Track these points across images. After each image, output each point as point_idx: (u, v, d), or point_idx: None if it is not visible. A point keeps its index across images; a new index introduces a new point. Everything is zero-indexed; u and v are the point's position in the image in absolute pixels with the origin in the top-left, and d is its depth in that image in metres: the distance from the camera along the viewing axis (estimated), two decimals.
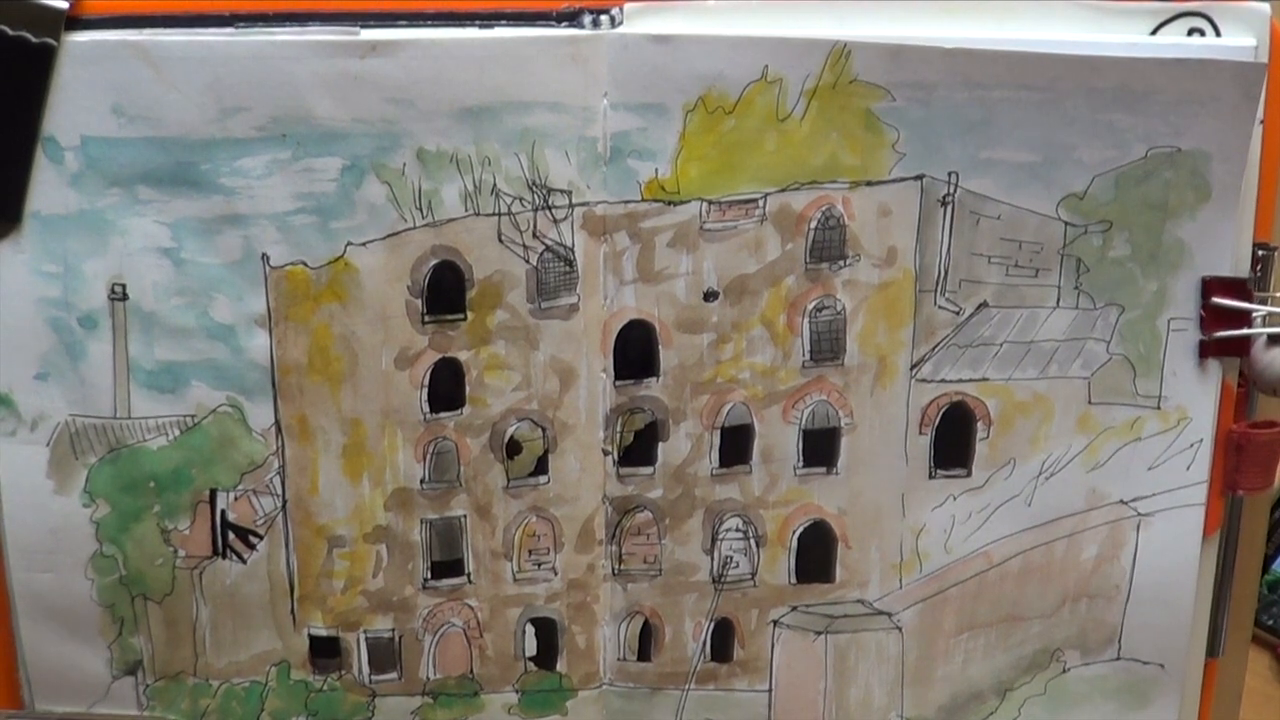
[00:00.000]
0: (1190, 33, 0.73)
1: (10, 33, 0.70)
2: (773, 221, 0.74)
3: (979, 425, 0.78)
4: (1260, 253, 0.77)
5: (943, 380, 0.78)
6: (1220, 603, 0.82)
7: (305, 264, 0.74)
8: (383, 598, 0.79)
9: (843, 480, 0.78)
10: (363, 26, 0.71)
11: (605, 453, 0.77)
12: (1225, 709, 0.86)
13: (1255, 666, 1.10)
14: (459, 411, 0.76)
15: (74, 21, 0.71)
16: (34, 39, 0.70)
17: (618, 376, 0.76)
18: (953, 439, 0.78)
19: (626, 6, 0.72)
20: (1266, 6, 0.72)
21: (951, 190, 0.74)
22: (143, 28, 0.71)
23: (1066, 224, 0.75)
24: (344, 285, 0.74)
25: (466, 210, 0.73)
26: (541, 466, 0.77)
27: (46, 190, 0.73)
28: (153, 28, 0.71)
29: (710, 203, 0.74)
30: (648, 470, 0.78)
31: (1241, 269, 0.76)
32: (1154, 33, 0.73)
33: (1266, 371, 0.76)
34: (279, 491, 0.77)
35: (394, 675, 0.80)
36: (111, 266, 0.74)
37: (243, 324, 0.75)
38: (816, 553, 0.79)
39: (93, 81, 0.71)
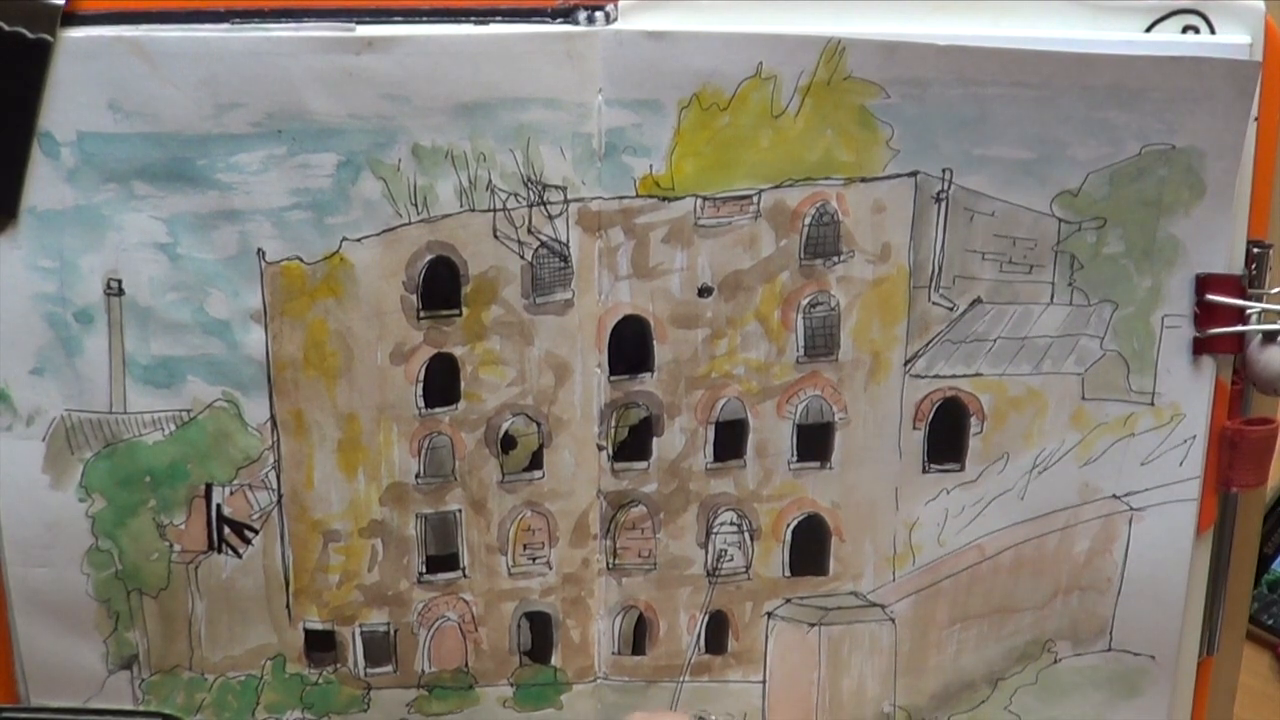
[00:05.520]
0: (1184, 30, 0.73)
1: (6, 28, 0.70)
2: (767, 218, 0.74)
3: (973, 420, 0.78)
4: (1255, 250, 0.77)
5: (936, 376, 0.78)
6: (1215, 600, 0.82)
7: (301, 259, 0.74)
8: (378, 592, 0.79)
9: (837, 475, 0.79)
10: (358, 23, 0.71)
11: (600, 448, 0.77)
12: (1220, 706, 0.86)
13: (1254, 666, 1.10)
14: (454, 407, 0.77)
15: (70, 17, 0.71)
16: (30, 34, 0.70)
17: (612, 372, 0.76)
18: (946, 434, 0.79)
19: (621, 3, 0.72)
20: (1261, 4, 0.73)
21: (946, 187, 0.74)
22: (138, 23, 0.71)
23: (1061, 221, 0.75)
24: (339, 281, 0.74)
25: (461, 206, 0.73)
26: (536, 461, 0.78)
27: (43, 186, 0.73)
28: (148, 23, 0.71)
29: (705, 199, 0.74)
30: (642, 465, 0.78)
31: (1236, 266, 0.76)
32: (1148, 30, 0.73)
33: (1264, 370, 0.77)
34: (274, 486, 0.77)
35: (389, 668, 0.80)
36: (107, 262, 0.74)
37: (238, 319, 0.75)
38: (810, 546, 0.80)
39: (89, 77, 0.71)
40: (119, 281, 0.74)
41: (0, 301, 0.74)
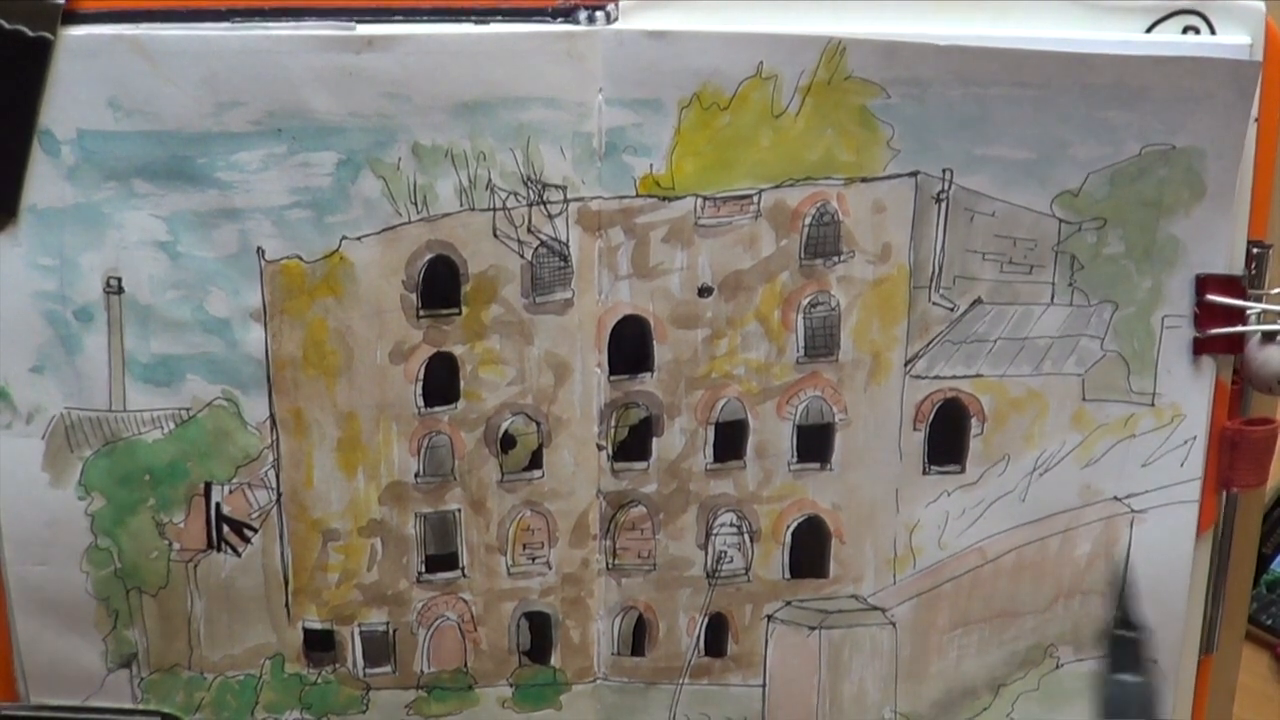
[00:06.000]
0: (1185, 30, 0.73)
1: (7, 26, 0.70)
2: (767, 217, 0.74)
3: (973, 421, 0.78)
4: (1254, 250, 0.77)
5: (937, 376, 0.78)
6: (1215, 599, 0.82)
7: (300, 258, 0.74)
8: (377, 591, 0.79)
9: (837, 476, 0.78)
10: (359, 21, 0.71)
11: (600, 447, 0.77)
12: (1219, 706, 0.86)
13: (1254, 666, 1.09)
14: (453, 406, 0.77)
15: (70, 15, 0.71)
16: (31, 32, 0.71)
17: (612, 371, 0.76)
18: (947, 435, 0.78)
19: (622, 3, 0.72)
20: (1261, 5, 0.72)
21: (946, 187, 0.74)
22: (139, 22, 0.71)
23: (1061, 221, 0.75)
24: (339, 279, 0.74)
25: (461, 205, 0.73)
26: (536, 461, 0.78)
27: (43, 184, 0.73)
28: (149, 22, 0.71)
29: (705, 198, 0.74)
30: (642, 465, 0.78)
31: (1236, 266, 0.76)
32: (1149, 30, 0.73)
33: (1261, 370, 0.76)
34: (274, 485, 0.77)
35: (388, 669, 0.80)
36: (107, 260, 0.74)
37: (238, 318, 0.75)
38: (811, 548, 0.79)
39: (89, 75, 0.71)
40: (119, 279, 0.74)
41: (0, 299, 0.74)
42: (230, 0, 0.72)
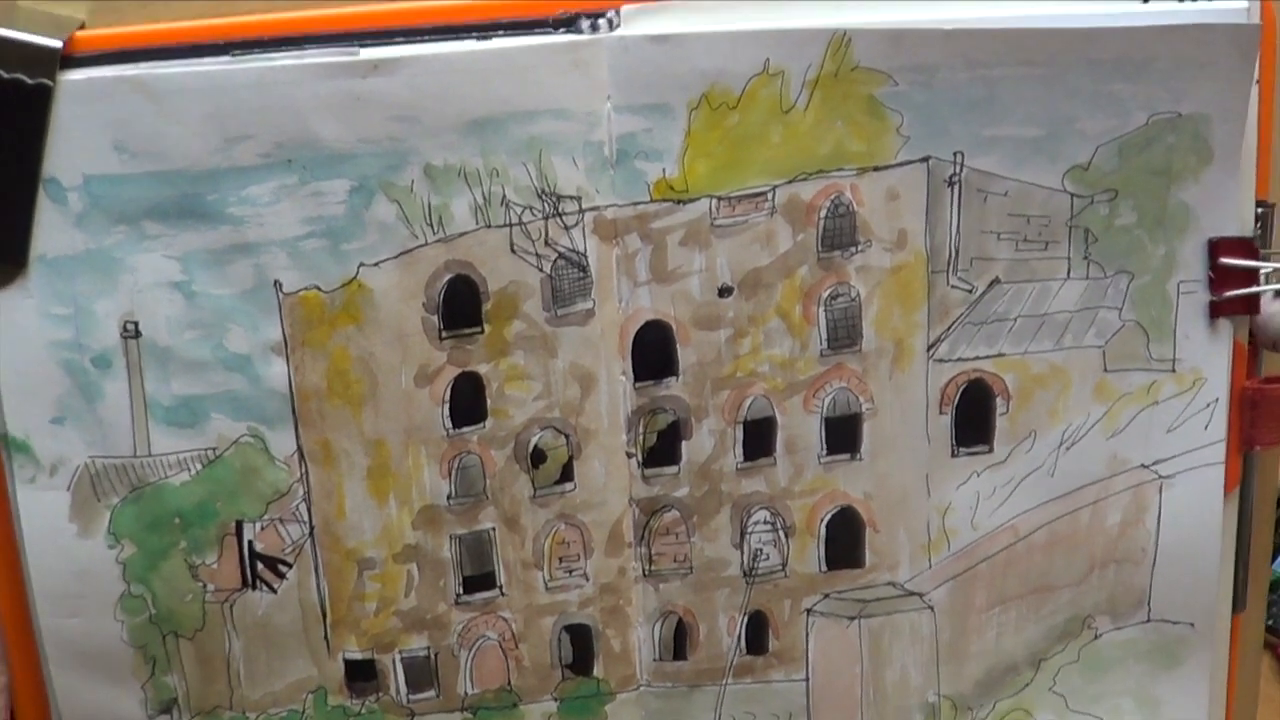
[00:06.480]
0: None
1: (5, 75, 0.69)
2: (782, 213, 0.74)
3: (998, 401, 0.79)
4: (1259, 211, 0.77)
5: (960, 359, 0.78)
6: (1242, 557, 0.83)
7: (318, 288, 0.73)
8: (416, 617, 0.78)
9: (867, 465, 0.79)
10: (361, 46, 0.71)
11: (629, 455, 0.77)
12: (1249, 663, 0.87)
13: None
14: (481, 425, 0.76)
15: (69, 60, 0.70)
16: (29, 80, 0.70)
17: (637, 378, 0.76)
18: (973, 416, 0.79)
19: (624, 9, 0.72)
20: None
21: (958, 170, 0.75)
22: (139, 61, 0.70)
23: (1073, 195, 0.76)
24: (359, 306, 0.74)
25: (477, 223, 0.73)
26: (567, 474, 0.77)
27: (51, 232, 0.72)
28: (149, 61, 0.70)
29: (719, 199, 0.74)
30: (672, 469, 0.78)
31: (1246, 228, 0.77)
32: (1147, 1, 0.74)
33: (1268, 326, 0.77)
34: (305, 518, 0.76)
35: (432, 693, 0.80)
36: (122, 304, 0.73)
37: (259, 353, 0.74)
38: (845, 539, 0.80)
39: (92, 119, 0.70)
40: (135, 324, 0.73)
41: (16, 352, 0.73)
42: (229, 33, 0.71)
